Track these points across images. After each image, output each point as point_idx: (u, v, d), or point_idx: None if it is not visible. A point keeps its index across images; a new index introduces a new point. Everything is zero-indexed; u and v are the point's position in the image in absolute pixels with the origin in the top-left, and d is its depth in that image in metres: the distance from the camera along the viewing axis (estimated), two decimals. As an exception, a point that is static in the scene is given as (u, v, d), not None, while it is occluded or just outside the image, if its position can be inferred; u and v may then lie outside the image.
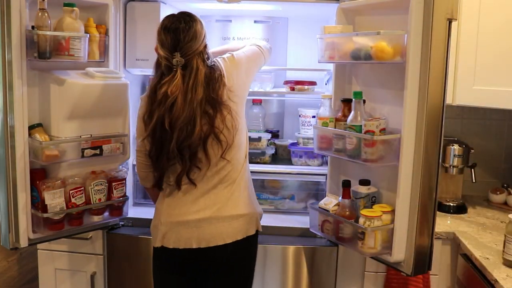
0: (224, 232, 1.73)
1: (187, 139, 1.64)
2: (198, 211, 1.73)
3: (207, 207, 1.74)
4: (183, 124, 1.63)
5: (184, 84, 1.64)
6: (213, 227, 1.73)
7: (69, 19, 1.81)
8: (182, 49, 1.65)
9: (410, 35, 1.63)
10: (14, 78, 1.70)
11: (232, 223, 1.74)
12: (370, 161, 1.74)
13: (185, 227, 1.73)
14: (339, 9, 2.02)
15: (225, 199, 1.75)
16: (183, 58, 1.65)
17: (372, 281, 2.12)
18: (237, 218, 1.75)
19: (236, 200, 1.77)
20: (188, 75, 1.65)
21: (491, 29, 2.09)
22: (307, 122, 2.37)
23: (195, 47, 1.67)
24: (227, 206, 1.75)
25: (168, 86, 1.64)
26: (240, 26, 2.70)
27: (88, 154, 1.91)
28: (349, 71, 2.08)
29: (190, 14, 1.72)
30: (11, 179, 1.75)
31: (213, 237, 1.72)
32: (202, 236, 1.72)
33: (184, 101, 1.63)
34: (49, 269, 2.23)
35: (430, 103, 1.63)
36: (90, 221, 2.01)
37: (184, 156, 1.67)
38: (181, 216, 1.74)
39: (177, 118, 1.63)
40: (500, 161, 2.62)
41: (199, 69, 1.66)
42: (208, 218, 1.73)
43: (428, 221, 1.70)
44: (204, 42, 1.71)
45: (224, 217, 1.74)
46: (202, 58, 1.69)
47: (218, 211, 1.74)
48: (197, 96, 1.64)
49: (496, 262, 1.77)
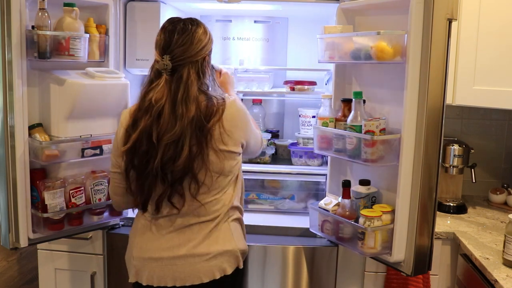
0: (201, 270, 1.59)
1: (171, 163, 1.49)
2: (171, 248, 1.60)
3: (182, 243, 1.60)
4: (170, 141, 1.48)
5: (172, 92, 1.50)
6: (188, 265, 1.59)
7: (69, 19, 1.81)
8: (172, 52, 1.51)
9: (410, 35, 1.63)
10: (14, 78, 1.69)
11: (209, 261, 1.59)
12: (370, 161, 1.74)
13: (158, 264, 1.60)
14: (339, 9, 2.02)
15: (201, 235, 1.60)
16: (171, 62, 1.51)
17: (372, 281, 2.12)
18: (214, 256, 1.60)
19: (214, 238, 1.61)
20: (175, 82, 1.51)
21: (491, 29, 2.09)
22: (307, 122, 2.37)
23: (189, 53, 1.52)
24: (203, 243, 1.60)
25: (153, 93, 1.52)
26: (240, 26, 2.71)
27: (88, 154, 1.91)
28: (349, 71, 2.08)
29: (196, 20, 1.59)
30: (11, 179, 1.75)
31: (189, 276, 1.59)
32: (177, 274, 1.59)
33: (173, 113, 1.48)
34: (49, 269, 2.23)
35: (430, 103, 1.63)
36: (90, 221, 2.01)
37: (166, 176, 1.51)
38: (153, 252, 1.61)
39: (164, 131, 1.48)
40: (500, 161, 2.62)
41: (190, 79, 1.50)
42: (183, 256, 1.59)
43: (428, 221, 1.70)
44: (203, 53, 1.56)
45: (201, 254, 1.59)
46: (196, 69, 1.53)
47: (194, 248, 1.59)
48: (188, 113, 1.48)
49: (496, 262, 1.77)
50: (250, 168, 2.33)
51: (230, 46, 2.73)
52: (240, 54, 2.70)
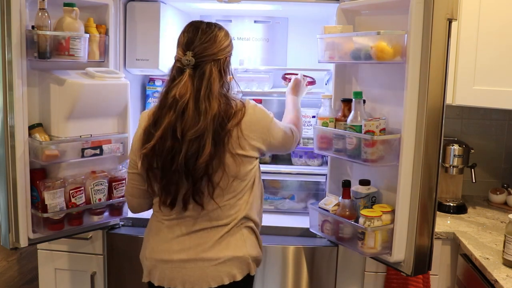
0: (209, 275, 1.58)
1: (193, 159, 1.49)
2: (181, 250, 1.60)
3: (192, 247, 1.60)
4: (194, 137, 1.48)
5: (195, 88, 1.51)
6: (197, 269, 1.59)
7: (69, 19, 1.81)
8: (195, 48, 1.53)
9: (410, 35, 1.63)
10: (14, 78, 1.70)
11: (217, 266, 1.59)
12: (370, 161, 1.74)
13: (169, 266, 1.61)
14: (339, 9, 2.02)
15: (211, 240, 1.60)
16: (194, 58, 1.52)
17: (372, 281, 2.12)
18: (223, 261, 1.59)
19: (225, 243, 1.60)
20: (198, 78, 1.52)
21: (491, 29, 2.09)
22: (307, 122, 2.37)
23: (212, 50, 1.54)
24: (213, 248, 1.59)
25: (177, 89, 1.51)
26: (240, 26, 2.70)
27: (88, 154, 1.91)
28: (349, 71, 2.08)
29: (218, 24, 1.63)
30: (11, 179, 1.75)
31: (197, 280, 1.59)
32: (187, 277, 1.59)
33: (196, 109, 1.49)
34: (49, 269, 2.23)
35: (430, 103, 1.63)
36: (90, 221, 2.01)
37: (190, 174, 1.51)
38: (164, 254, 1.62)
39: (188, 127, 1.48)
40: (500, 161, 2.62)
41: (212, 76, 1.52)
42: (192, 260, 1.59)
43: (428, 221, 1.70)
44: (225, 53, 1.58)
45: (209, 259, 1.59)
46: (218, 67, 1.55)
47: (203, 252, 1.59)
48: (211, 110, 1.49)
49: (496, 262, 1.77)
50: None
51: (230, 46, 2.73)
52: (240, 54, 2.69)
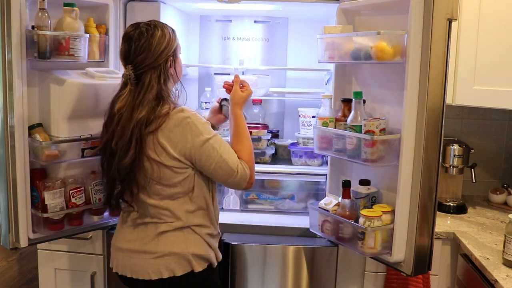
0: (149, 267, 1.65)
1: (121, 160, 1.56)
2: (130, 241, 1.69)
3: (137, 238, 1.68)
4: (123, 143, 1.54)
5: (133, 101, 1.54)
6: (140, 260, 1.66)
7: (69, 19, 1.81)
8: (133, 61, 1.55)
9: (410, 35, 1.63)
10: (14, 78, 1.69)
11: (156, 260, 1.65)
12: (370, 161, 1.74)
13: (121, 254, 1.71)
14: (339, 9, 2.02)
15: (152, 234, 1.66)
16: (133, 72, 1.54)
17: (372, 281, 2.12)
18: (161, 255, 1.64)
19: (164, 238, 1.65)
20: (138, 91, 1.55)
21: (491, 29, 2.09)
22: (307, 122, 2.37)
23: (149, 60, 1.54)
24: (152, 242, 1.65)
25: (118, 103, 1.56)
26: (240, 26, 2.71)
27: (88, 154, 1.91)
28: (349, 71, 2.08)
29: (154, 22, 1.59)
30: (11, 179, 1.75)
31: (141, 270, 1.66)
32: (133, 267, 1.68)
33: (130, 119, 1.53)
34: (49, 269, 2.23)
35: (430, 103, 1.63)
36: (90, 221, 2.01)
37: (120, 175, 1.60)
38: (119, 242, 1.73)
39: (120, 137, 1.55)
40: (500, 161, 2.62)
41: (150, 85, 1.53)
42: (136, 250, 1.67)
43: (428, 221, 1.70)
44: (164, 56, 1.56)
45: (149, 251, 1.66)
46: (158, 74, 1.55)
47: (145, 245, 1.66)
48: (138, 115, 1.52)
49: (496, 262, 1.77)
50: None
51: (230, 46, 2.73)
52: (240, 54, 2.70)
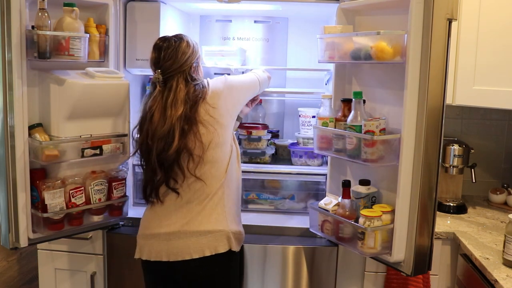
0: (191, 246, 1.74)
1: (164, 152, 1.71)
2: (169, 225, 1.77)
3: (178, 221, 1.77)
4: (160, 137, 1.71)
5: (163, 100, 1.74)
6: (181, 241, 1.75)
7: (69, 19, 1.81)
8: (162, 67, 1.75)
9: (410, 35, 1.63)
10: (14, 78, 1.70)
11: (199, 238, 1.75)
12: (370, 161, 1.74)
13: (156, 240, 1.78)
14: (339, 9, 2.02)
15: (195, 214, 1.77)
16: (162, 75, 1.75)
17: (372, 281, 2.12)
18: (204, 234, 1.75)
19: (207, 216, 1.77)
20: (166, 92, 1.74)
21: (491, 29, 2.09)
22: (307, 122, 2.37)
23: (175, 66, 1.75)
24: (195, 221, 1.76)
25: (149, 101, 1.76)
26: (240, 26, 2.71)
27: (88, 154, 1.91)
28: (349, 71, 2.08)
29: (180, 35, 1.81)
30: (11, 179, 1.75)
31: (181, 251, 1.74)
32: (171, 249, 1.75)
33: (162, 116, 1.72)
34: (49, 269, 2.23)
35: (430, 103, 1.63)
36: (90, 221, 2.01)
37: (163, 166, 1.73)
38: (153, 229, 1.79)
39: (154, 130, 1.72)
40: (500, 161, 2.62)
41: (178, 87, 1.75)
42: (176, 232, 1.76)
43: (428, 221, 1.70)
44: (189, 62, 1.78)
45: (192, 232, 1.75)
46: (184, 77, 1.76)
47: (187, 225, 1.76)
48: (176, 112, 1.71)
49: (496, 262, 1.77)
50: (250, 168, 2.33)
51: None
52: (240, 54, 2.70)
